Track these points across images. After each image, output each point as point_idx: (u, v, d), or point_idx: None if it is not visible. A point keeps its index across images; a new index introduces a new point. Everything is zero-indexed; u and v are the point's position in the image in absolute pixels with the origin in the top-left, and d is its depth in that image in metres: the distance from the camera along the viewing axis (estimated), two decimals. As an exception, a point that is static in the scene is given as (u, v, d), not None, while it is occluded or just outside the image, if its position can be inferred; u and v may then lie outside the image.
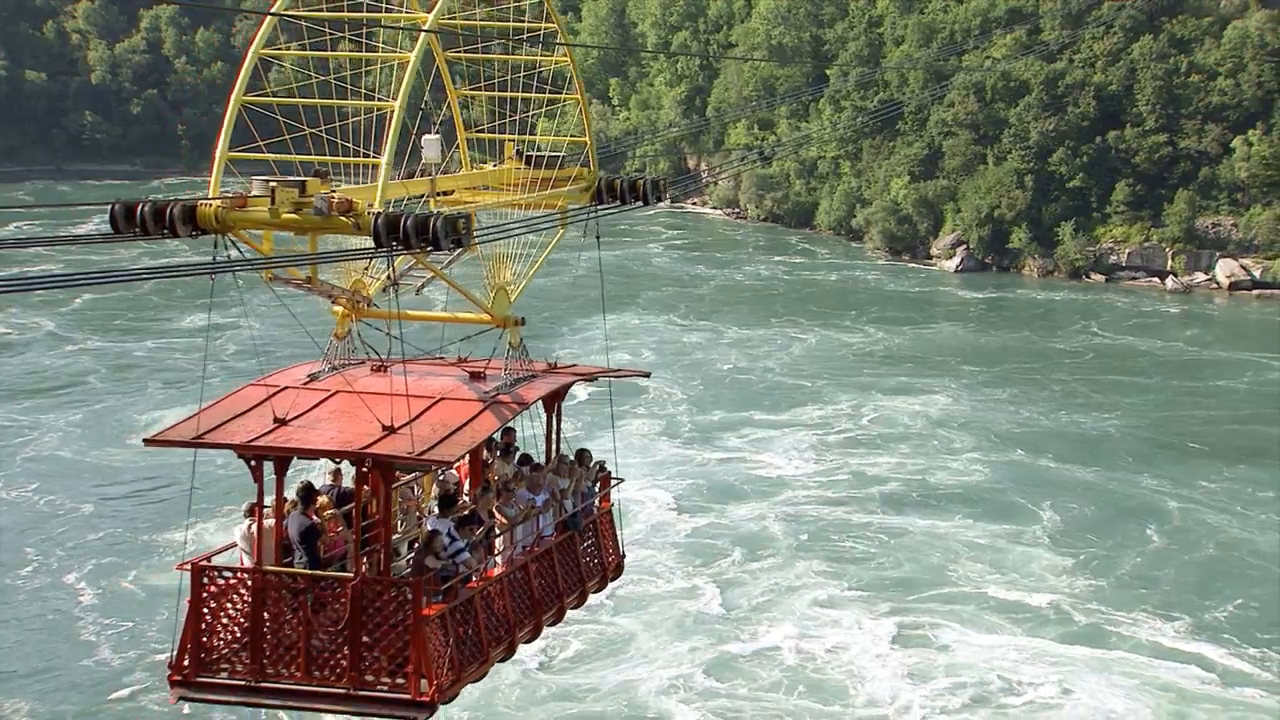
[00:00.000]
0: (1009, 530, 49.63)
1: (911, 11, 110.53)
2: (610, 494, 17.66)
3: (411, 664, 13.50)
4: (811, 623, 42.15)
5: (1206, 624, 42.18)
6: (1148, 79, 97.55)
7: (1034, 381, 69.87)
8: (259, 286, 61.04)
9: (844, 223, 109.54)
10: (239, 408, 14.57)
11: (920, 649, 40.50)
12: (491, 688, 37.22)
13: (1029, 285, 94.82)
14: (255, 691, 13.89)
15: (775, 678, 38.93)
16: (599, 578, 17.19)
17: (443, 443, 13.65)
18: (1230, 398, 67.64)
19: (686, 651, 40.09)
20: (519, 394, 15.20)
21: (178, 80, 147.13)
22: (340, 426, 13.99)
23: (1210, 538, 49.05)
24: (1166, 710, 37.43)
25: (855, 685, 38.57)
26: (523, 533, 15.59)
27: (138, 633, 40.52)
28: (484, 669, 14.59)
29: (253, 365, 68.61)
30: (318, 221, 13.25)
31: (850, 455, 57.45)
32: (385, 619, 13.53)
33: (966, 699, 37.74)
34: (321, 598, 13.73)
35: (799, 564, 46.23)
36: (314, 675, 13.72)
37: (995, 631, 41.72)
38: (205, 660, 14.01)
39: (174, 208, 12.76)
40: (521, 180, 16.93)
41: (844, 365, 72.56)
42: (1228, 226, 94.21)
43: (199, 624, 14.05)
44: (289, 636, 13.78)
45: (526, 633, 15.45)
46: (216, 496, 51.60)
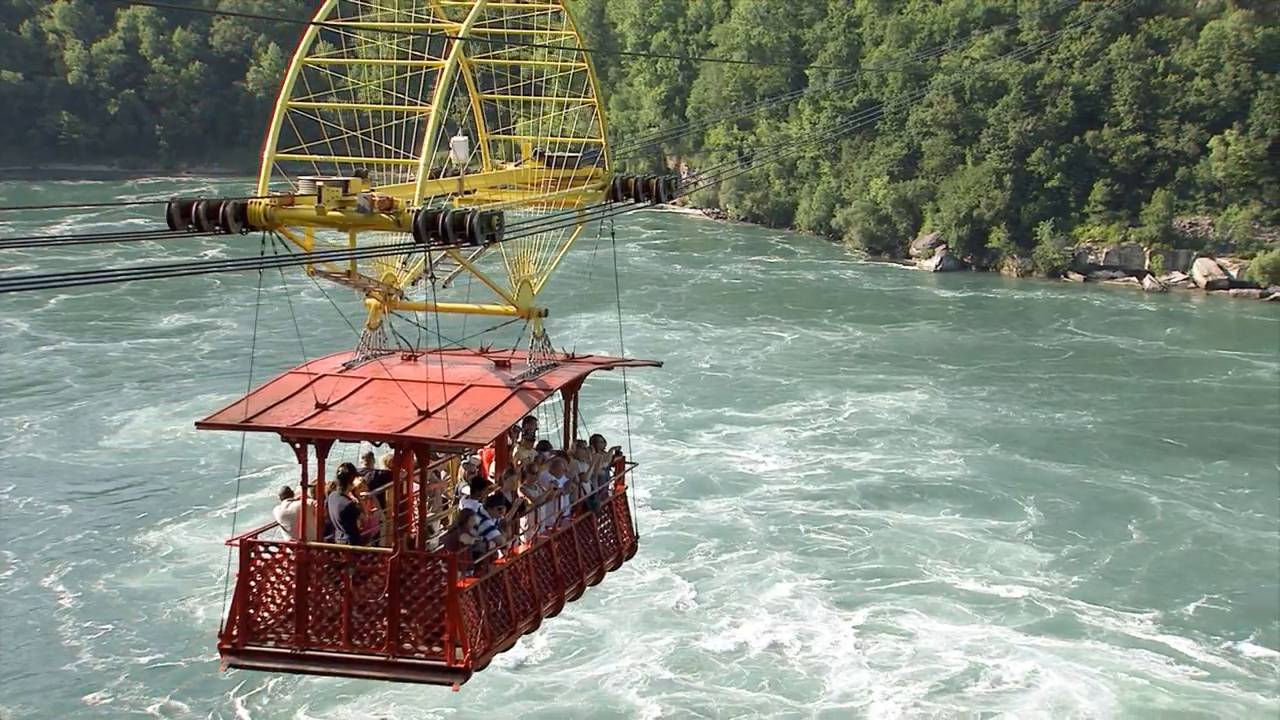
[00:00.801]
0: (984, 524, 49.87)
1: (890, 12, 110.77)
2: (625, 478, 18.54)
3: (447, 633, 14.37)
4: (781, 615, 42.33)
5: (1176, 617, 42.48)
6: (1125, 79, 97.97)
7: (1012, 379, 70.12)
8: (239, 288, 61.74)
9: (823, 223, 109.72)
10: (281, 394, 15.42)
11: (889, 639, 40.75)
12: (459, 687, 37.08)
13: (1007, 285, 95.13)
14: (300, 659, 14.78)
15: (743, 671, 39.09)
16: (614, 556, 18.11)
17: (475, 426, 14.48)
18: (1206, 395, 67.99)
19: (655, 646, 40.20)
20: (543, 381, 16.06)
21: (155, 80, 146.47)
22: (378, 411, 14.80)
23: (1185, 533, 49.32)
24: (1131, 698, 37.77)
25: (823, 677, 38.75)
26: (546, 513, 16.52)
27: (117, 636, 40.32)
28: (512, 639, 15.51)
29: (227, 365, 68.93)
30: (360, 219, 14.12)
31: (826, 451, 57.63)
32: (422, 591, 14.38)
33: (933, 688, 38.01)
34: (362, 571, 14.58)
35: (770, 557, 46.44)
36: (355, 644, 14.54)
37: (964, 622, 41.96)
38: (253, 630, 14.82)
39: (226, 206, 13.62)
40: (541, 179, 17.81)
41: (821, 363, 72.73)
42: (1205, 226, 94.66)
43: (246, 596, 14.84)
44: (331, 608, 14.61)
45: (550, 607, 16.33)
46: (207, 495, 51.46)
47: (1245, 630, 41.56)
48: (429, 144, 15.03)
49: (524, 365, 16.34)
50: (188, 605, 42.42)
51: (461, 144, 16.89)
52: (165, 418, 60.65)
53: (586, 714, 36.76)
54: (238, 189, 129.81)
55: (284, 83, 15.55)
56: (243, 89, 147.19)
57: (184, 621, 41.41)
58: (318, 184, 14.27)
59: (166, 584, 43.85)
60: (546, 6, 17.74)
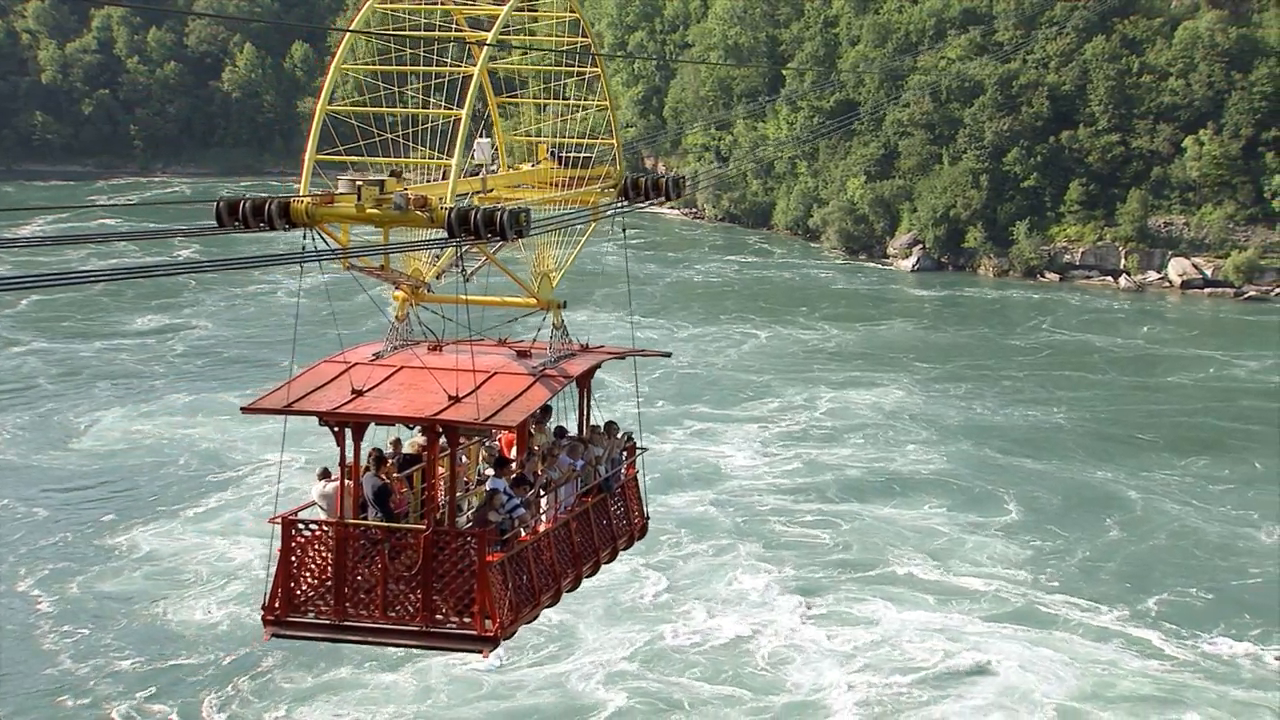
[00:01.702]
0: (957, 518, 50.24)
1: (867, 12, 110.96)
2: (635, 462, 19.47)
3: (476, 605, 15.25)
4: (748, 607, 42.62)
5: (1145, 609, 42.89)
6: (1100, 79, 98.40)
7: (988, 377, 70.37)
8: (214, 288, 61.35)
9: (801, 222, 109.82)
10: (318, 381, 16.07)
11: (856, 630, 41.12)
12: (424, 686, 37.25)
13: (984, 284, 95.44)
14: (339, 629, 15.64)
15: (709, 662, 39.33)
16: (627, 536, 19.08)
17: (503, 410, 15.42)
18: (1181, 393, 68.37)
19: (621, 640, 40.34)
20: (563, 369, 17.04)
21: (130, 80, 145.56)
22: (410, 397, 15.66)
23: (1159, 528, 49.72)
24: (1091, 685, 38.26)
25: (789, 667, 39.10)
26: (565, 493, 17.46)
27: (95, 640, 40.10)
28: (535, 611, 16.46)
29: (198, 366, 68.55)
30: (396, 216, 14.95)
31: (798, 446, 57.88)
32: (453, 566, 15.31)
33: (897, 677, 38.47)
34: (397, 547, 15.47)
35: (739, 550, 46.71)
36: (390, 615, 15.46)
37: (933, 612, 42.38)
38: (294, 602, 15.67)
39: (271, 204, 14.56)
40: (556, 178, 18.80)
41: (795, 361, 72.89)
42: (1179, 225, 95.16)
43: (288, 571, 15.65)
44: (368, 581, 15.50)
45: (569, 582, 17.27)
46: (180, 495, 51.17)
47: (1212, 623, 41.97)
48: (460, 145, 15.83)
49: (544, 354, 17.23)
50: (162, 607, 42.22)
51: (484, 145, 17.76)
52: (136, 418, 60.32)
53: (551, 710, 36.83)
54: (211, 190, 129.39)
55: (323, 88, 16.37)
56: (218, 89, 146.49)
57: (161, 624, 41.22)
58: (357, 183, 15.05)
59: (140, 586, 43.62)
60: (564, 15, 18.62)
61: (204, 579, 44.10)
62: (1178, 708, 37.31)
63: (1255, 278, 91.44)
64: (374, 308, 55.19)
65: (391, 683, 37.75)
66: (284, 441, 17.39)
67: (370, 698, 37.02)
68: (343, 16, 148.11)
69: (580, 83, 19.38)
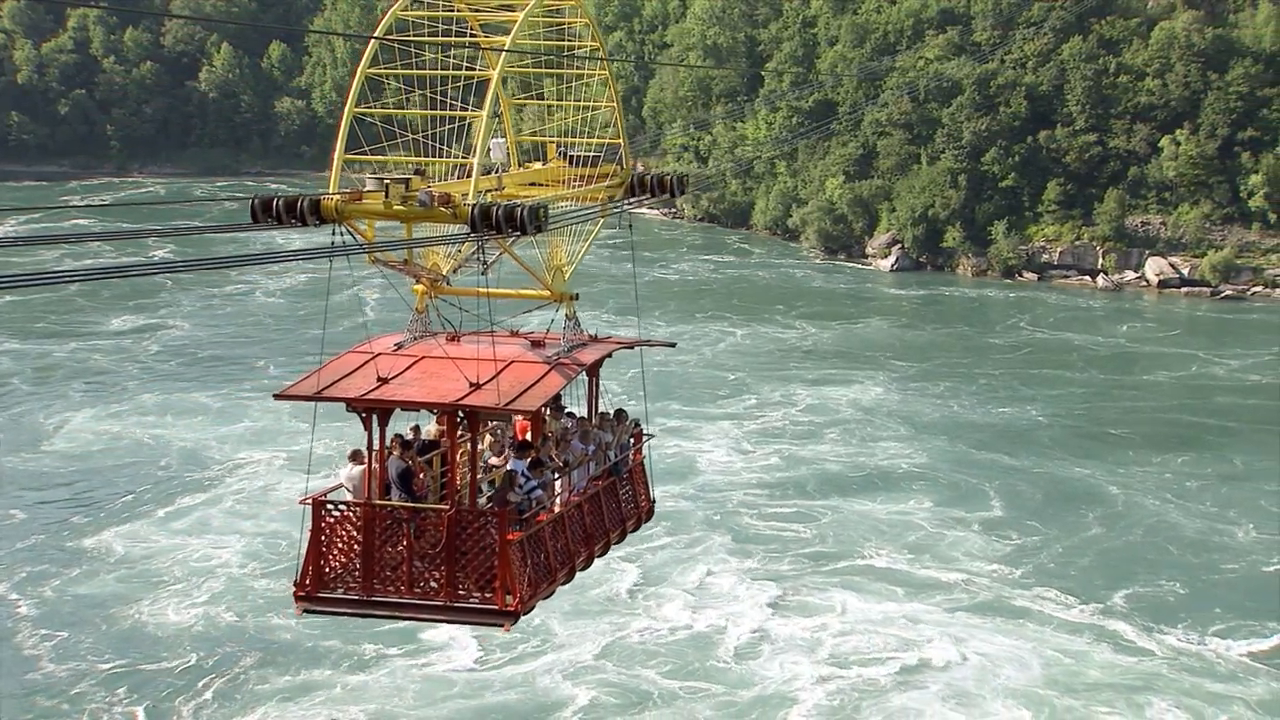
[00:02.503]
0: (932, 512, 50.48)
1: (845, 12, 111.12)
2: (642, 448, 20.25)
3: (498, 580, 16.03)
4: (721, 600, 42.89)
5: (1117, 603, 43.20)
6: (1077, 79, 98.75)
7: (965, 375, 70.52)
8: (191, 289, 60.95)
9: (780, 222, 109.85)
10: (345, 369, 16.84)
11: (826, 621, 41.48)
12: (394, 686, 37.19)
13: (963, 284, 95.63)
14: (367, 605, 16.45)
15: (678, 656, 39.51)
16: (635, 518, 19.77)
17: (522, 395, 16.23)
18: (1158, 390, 68.65)
19: (591, 634, 40.46)
20: (576, 358, 17.80)
21: (106, 80, 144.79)
22: (433, 384, 16.45)
23: (1135, 523, 49.95)
24: (1062, 675, 38.62)
25: (759, 660, 39.33)
26: (578, 476, 18.26)
27: (74, 643, 39.86)
28: (552, 588, 17.23)
29: (172, 366, 68.06)
30: (421, 212, 15.72)
31: (774, 443, 57.98)
32: (475, 544, 16.11)
33: (866, 667, 38.84)
34: (422, 526, 16.22)
35: (710, 544, 46.92)
36: (415, 590, 16.24)
37: (902, 603, 42.75)
38: (324, 579, 16.40)
39: (303, 202, 15.42)
40: (566, 176, 19.56)
41: (772, 359, 72.92)
42: (1156, 225, 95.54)
43: (318, 549, 16.38)
44: (393, 559, 16.25)
45: (582, 560, 18.05)
46: (156, 496, 50.83)
47: (1184, 617, 42.23)
48: (481, 145, 16.55)
49: (557, 344, 18.03)
50: (137, 609, 41.92)
51: (499, 145, 18.50)
52: (109, 418, 59.95)
53: (519, 708, 36.83)
54: (184, 190, 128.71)
55: (349, 92, 17.18)
56: (195, 89, 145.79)
57: (135, 625, 40.94)
58: (385, 181, 15.77)
59: (115, 588, 43.31)
60: (574, 21, 19.65)
61: (178, 580, 43.83)
62: (1146, 696, 37.64)
63: (1231, 277, 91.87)
64: (352, 307, 55.05)
65: (361, 683, 37.69)
66: (314, 425, 17.59)
67: (340, 698, 36.99)
68: (320, 16, 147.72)
69: (588, 85, 20.29)
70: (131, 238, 76.85)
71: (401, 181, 15.87)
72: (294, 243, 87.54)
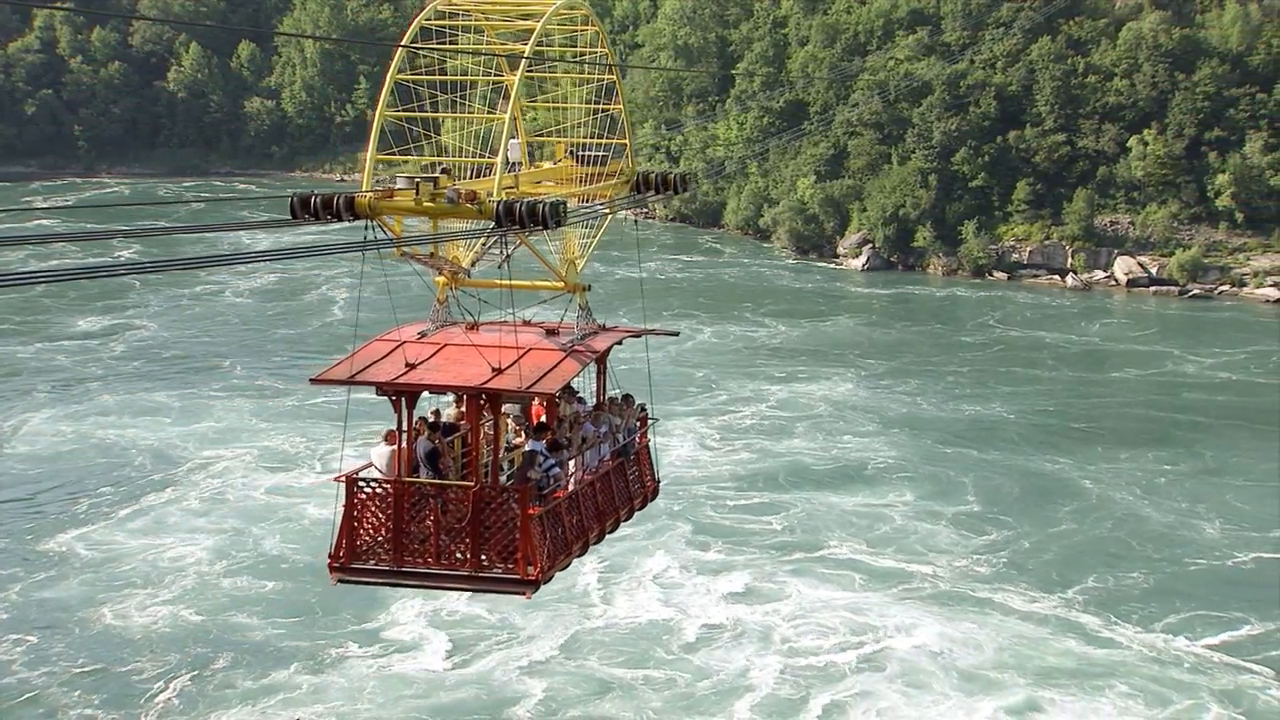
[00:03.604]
0: (898, 506, 50.74)
1: (815, 13, 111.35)
2: (647, 431, 21.25)
3: (520, 552, 17.10)
4: (678, 592, 43.13)
5: (1082, 594, 43.57)
6: (1046, 79, 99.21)
7: (935, 373, 70.70)
8: (161, 289, 60.47)
9: (751, 222, 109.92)
10: (374, 356, 17.92)
11: (785, 611, 41.85)
12: (353, 687, 37.05)
13: (933, 283, 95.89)
14: (397, 574, 17.55)
15: (637, 647, 39.67)
16: (641, 497, 20.83)
17: (541, 379, 17.35)
18: (1128, 387, 69.05)
19: (549, 629, 40.52)
20: (589, 345, 18.96)
21: (74, 80, 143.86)
22: (457, 370, 17.56)
23: (1104, 518, 50.19)
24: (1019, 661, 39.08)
25: (716, 650, 39.58)
26: (590, 457, 19.29)
27: (43, 648, 39.44)
28: (568, 560, 18.27)
29: (136, 367, 67.43)
30: (449, 209, 16.66)
31: (741, 439, 58.15)
32: (498, 518, 17.18)
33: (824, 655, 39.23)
34: (448, 502, 17.33)
35: (670, 536, 47.05)
36: (443, 561, 17.34)
37: (863, 593, 43.15)
38: (357, 551, 17.48)
39: (339, 199, 16.39)
40: (576, 175, 20.72)
41: (740, 357, 72.96)
42: (1125, 224, 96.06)
43: (351, 523, 17.42)
44: (421, 533, 17.34)
45: (595, 535, 19.10)
46: (119, 497, 50.42)
47: (1146, 609, 42.53)
48: (504, 145, 17.65)
49: (571, 332, 19.10)
50: (105, 610, 41.58)
51: (515, 145, 19.38)
52: (72, 419, 59.43)
53: (477, 704, 36.72)
54: (149, 191, 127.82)
55: (380, 96, 18.18)
56: (164, 89, 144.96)
57: (104, 628, 40.59)
58: (416, 180, 16.72)
59: (80, 591, 42.89)
60: (586, 29, 20.80)
61: (144, 580, 43.47)
62: (1106, 681, 38.05)
63: (1199, 276, 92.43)
64: (319, 308, 55.25)
65: (324, 683, 37.53)
66: (347, 407, 18.50)
67: (298, 700, 36.86)
68: (289, 17, 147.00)
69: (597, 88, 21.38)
70: (136, 236, 76.41)
71: (430, 180, 16.80)
72: (260, 243, 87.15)
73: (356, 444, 57.37)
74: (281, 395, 63.55)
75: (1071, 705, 36.81)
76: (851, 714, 36.31)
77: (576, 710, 36.54)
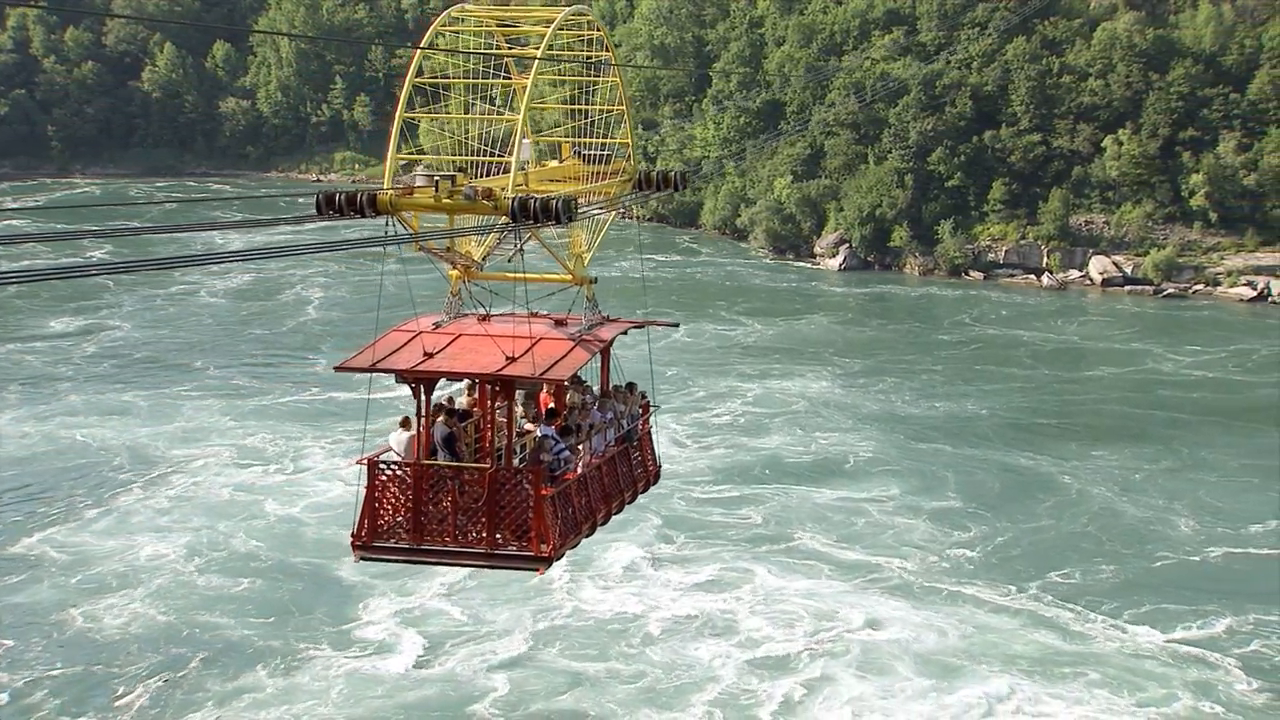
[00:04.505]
0: (870, 501, 50.91)
1: (792, 13, 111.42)
2: (649, 418, 22.10)
3: (533, 530, 18.00)
4: (644, 585, 43.39)
5: (1047, 586, 43.84)
6: (1021, 80, 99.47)
7: (911, 371, 70.80)
8: (136, 289, 60.26)
9: (729, 222, 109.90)
10: (393, 346, 18.77)
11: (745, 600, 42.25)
12: (320, 688, 36.91)
13: (909, 283, 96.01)
14: (417, 552, 18.39)
15: (600, 641, 39.86)
16: (644, 480, 21.72)
17: (554, 366, 18.38)
18: (1102, 385, 69.28)
19: (516, 623, 40.63)
20: (597, 335, 19.88)
21: (47, 80, 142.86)
22: (473, 358, 18.48)
23: (1079, 513, 50.35)
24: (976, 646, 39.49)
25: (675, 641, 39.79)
26: (597, 442, 20.14)
27: (17, 653, 39.10)
28: (577, 539, 19.20)
29: (107, 369, 66.80)
30: (466, 205, 17.52)
31: (712, 435, 58.25)
32: (513, 498, 18.06)
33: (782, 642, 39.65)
34: (465, 483, 18.19)
35: (639, 528, 47.18)
36: (460, 540, 18.18)
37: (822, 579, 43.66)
38: (378, 530, 18.33)
39: (362, 196, 17.27)
40: (581, 173, 21.67)
41: (714, 355, 72.85)
42: (1100, 224, 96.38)
43: (373, 504, 18.28)
44: (440, 513, 18.19)
45: (602, 515, 19.95)
46: (87, 499, 50.04)
47: (1113, 601, 42.77)
48: (517, 145, 18.54)
49: (578, 323, 20.00)
50: (77, 613, 41.27)
51: (527, 145, 20.11)
52: (40, 420, 59.01)
53: (442, 702, 36.65)
54: (120, 191, 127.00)
55: (399, 99, 19.03)
56: (138, 89, 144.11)
57: (77, 630, 40.30)
58: (435, 178, 17.56)
59: (52, 594, 42.52)
60: (592, 34, 21.82)
61: (115, 581, 43.16)
62: (1075, 670, 38.33)
63: (1174, 275, 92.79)
64: (293, 308, 55.40)
65: (291, 685, 37.38)
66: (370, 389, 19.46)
67: (268, 700, 36.75)
68: (264, 16, 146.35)
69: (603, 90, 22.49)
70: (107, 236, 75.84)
71: (448, 178, 17.61)
72: (233, 243, 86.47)
73: (328, 441, 56.95)
74: (254, 395, 63.23)
75: (1039, 694, 37.05)
76: (819, 703, 36.49)
77: (544, 704, 36.58)
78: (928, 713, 36.23)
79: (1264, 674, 38.42)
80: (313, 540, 46.18)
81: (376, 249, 17.32)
